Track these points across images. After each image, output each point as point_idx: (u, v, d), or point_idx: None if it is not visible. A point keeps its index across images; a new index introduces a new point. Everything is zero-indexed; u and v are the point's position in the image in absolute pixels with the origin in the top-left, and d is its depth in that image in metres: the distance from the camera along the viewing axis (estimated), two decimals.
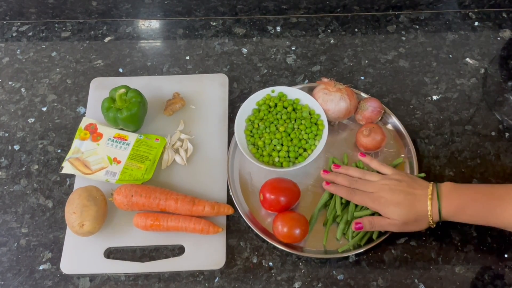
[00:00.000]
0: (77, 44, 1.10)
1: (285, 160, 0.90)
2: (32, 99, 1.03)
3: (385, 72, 1.05)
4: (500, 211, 0.74)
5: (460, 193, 0.78)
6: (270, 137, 0.91)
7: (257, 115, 0.94)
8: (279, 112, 0.94)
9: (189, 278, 0.83)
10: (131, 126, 0.94)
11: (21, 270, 0.85)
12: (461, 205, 0.77)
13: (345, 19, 1.13)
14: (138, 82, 1.02)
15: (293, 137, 0.91)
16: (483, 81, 1.03)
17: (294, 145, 0.91)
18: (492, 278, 0.82)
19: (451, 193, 0.77)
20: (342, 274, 0.83)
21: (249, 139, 0.93)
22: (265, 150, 0.91)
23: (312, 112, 0.93)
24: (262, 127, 0.92)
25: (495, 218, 0.75)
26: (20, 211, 0.90)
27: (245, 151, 0.89)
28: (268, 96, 0.95)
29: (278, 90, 0.95)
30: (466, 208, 0.77)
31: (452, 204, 0.77)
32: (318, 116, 0.93)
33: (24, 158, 0.96)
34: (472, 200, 0.77)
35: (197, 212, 0.86)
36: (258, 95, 0.95)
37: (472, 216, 0.77)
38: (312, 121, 0.92)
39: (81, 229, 0.82)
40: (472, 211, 0.76)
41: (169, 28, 1.13)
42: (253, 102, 0.95)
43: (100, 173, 0.90)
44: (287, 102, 0.94)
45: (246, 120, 0.94)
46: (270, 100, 0.95)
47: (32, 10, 1.11)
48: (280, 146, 0.90)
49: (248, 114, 0.95)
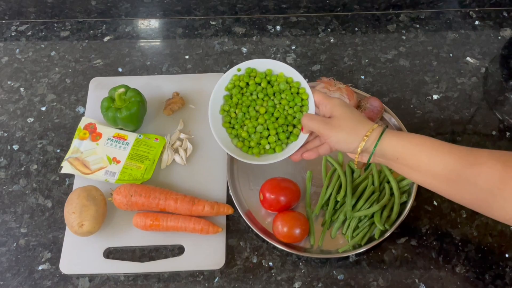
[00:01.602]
0: (76, 44, 1.10)
1: (276, 144, 0.80)
2: (31, 99, 1.02)
3: (385, 71, 1.05)
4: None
5: (391, 137, 0.70)
6: (253, 125, 0.80)
7: (230, 102, 0.82)
8: (253, 91, 0.81)
9: (189, 278, 0.83)
10: (130, 126, 0.94)
11: (20, 270, 0.84)
12: (388, 147, 0.70)
13: (345, 18, 1.13)
14: (138, 82, 1.01)
15: (278, 116, 0.80)
16: (483, 80, 1.03)
17: (281, 124, 0.80)
18: (493, 278, 0.82)
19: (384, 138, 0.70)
20: (342, 274, 0.83)
21: (230, 132, 0.82)
22: (252, 141, 0.80)
23: (290, 81, 0.81)
24: (240, 114, 0.81)
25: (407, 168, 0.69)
26: (19, 211, 0.90)
27: (230, 149, 0.80)
28: (235, 77, 0.82)
29: (244, 67, 0.82)
30: (389, 149, 0.70)
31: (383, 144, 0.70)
32: (297, 84, 0.81)
33: (23, 158, 0.95)
34: (396, 145, 0.69)
35: (196, 212, 0.85)
36: (225, 79, 0.82)
37: (391, 154, 0.70)
38: (293, 91, 0.80)
39: (81, 229, 0.81)
40: (391, 152, 0.70)
41: (168, 27, 1.12)
42: (222, 88, 0.82)
43: (100, 173, 0.90)
44: (258, 77, 0.81)
45: (220, 111, 0.83)
46: (239, 81, 0.82)
47: (31, 9, 1.11)
48: (267, 131, 0.80)
49: (221, 104, 0.83)
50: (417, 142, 0.69)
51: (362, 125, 0.72)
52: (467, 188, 0.65)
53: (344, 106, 0.73)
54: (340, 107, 0.73)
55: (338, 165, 0.90)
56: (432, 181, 0.68)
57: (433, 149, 0.67)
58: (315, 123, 0.75)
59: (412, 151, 0.68)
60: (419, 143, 0.68)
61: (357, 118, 0.73)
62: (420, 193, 0.88)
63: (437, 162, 0.66)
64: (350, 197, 0.86)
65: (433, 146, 0.68)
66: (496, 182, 0.62)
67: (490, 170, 0.62)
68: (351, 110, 0.74)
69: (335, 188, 0.88)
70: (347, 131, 0.72)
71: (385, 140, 0.70)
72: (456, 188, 0.66)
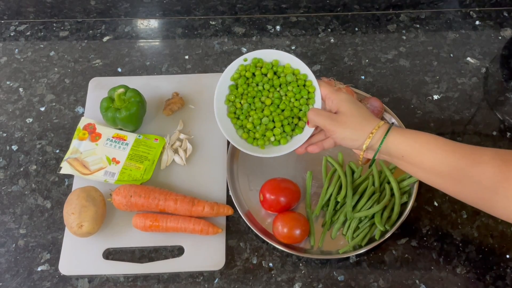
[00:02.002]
0: (76, 44, 1.10)
1: (281, 136, 0.80)
2: (30, 99, 1.02)
3: (385, 71, 1.05)
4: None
5: (398, 135, 0.70)
6: (258, 116, 0.80)
7: (236, 92, 0.81)
8: (259, 82, 0.81)
9: (189, 279, 0.82)
10: (130, 126, 0.93)
11: (19, 271, 0.84)
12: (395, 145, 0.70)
13: (345, 18, 1.12)
14: (137, 82, 1.01)
15: (283, 108, 0.80)
16: (484, 81, 1.03)
17: (286, 116, 0.80)
18: (493, 279, 0.81)
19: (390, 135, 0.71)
20: (342, 275, 0.82)
21: (235, 123, 0.82)
22: (257, 132, 0.80)
23: (296, 73, 0.81)
24: (245, 105, 0.81)
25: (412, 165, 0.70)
26: (18, 212, 0.89)
27: (234, 141, 0.80)
28: (242, 67, 0.82)
29: (251, 57, 0.82)
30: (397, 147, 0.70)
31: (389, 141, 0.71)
32: (304, 76, 0.80)
33: (22, 159, 0.95)
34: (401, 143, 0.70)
35: (196, 213, 0.85)
36: (231, 69, 0.82)
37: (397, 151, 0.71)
38: (299, 83, 0.80)
39: (80, 230, 0.81)
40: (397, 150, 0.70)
41: (168, 27, 1.12)
42: (227, 78, 0.82)
43: (99, 173, 0.90)
44: (265, 67, 0.81)
45: (225, 102, 0.82)
46: (245, 71, 0.81)
47: (30, 9, 1.10)
48: (272, 123, 0.80)
49: (226, 94, 0.82)
50: (422, 140, 0.69)
51: (368, 122, 0.72)
52: (470, 186, 0.65)
53: (351, 102, 0.74)
54: (347, 103, 0.73)
55: (339, 166, 0.90)
56: (436, 179, 0.69)
57: (438, 148, 0.67)
58: (321, 118, 0.75)
59: (417, 149, 0.69)
60: (424, 141, 0.69)
61: (363, 115, 0.73)
62: (420, 193, 0.88)
63: (441, 160, 0.67)
64: (350, 198, 0.86)
65: (438, 144, 0.68)
66: (499, 180, 0.62)
67: (493, 169, 0.63)
68: (357, 106, 0.74)
69: (335, 188, 0.87)
70: (353, 128, 0.72)
71: (390, 138, 0.70)
72: (460, 186, 0.67)
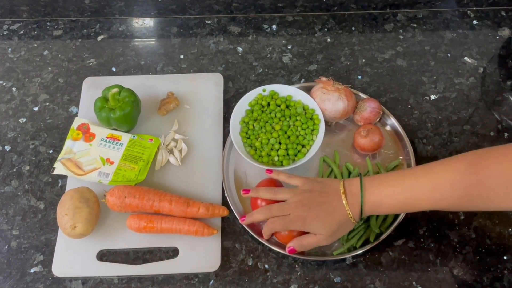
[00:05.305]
0: (70, 43, 1.09)
1: (284, 158, 0.88)
2: (24, 99, 1.01)
3: (382, 71, 1.04)
4: (414, 201, 0.73)
5: (372, 189, 0.75)
6: (267, 137, 0.90)
7: (251, 115, 0.93)
8: (273, 110, 0.93)
9: (183, 281, 0.82)
10: (124, 126, 0.93)
11: (12, 273, 0.83)
12: (377, 201, 0.74)
13: (342, 18, 1.12)
14: (132, 82, 1.00)
15: (290, 134, 0.90)
16: (481, 81, 1.02)
17: (292, 142, 0.89)
18: (491, 280, 0.81)
19: (366, 191, 0.75)
20: (339, 277, 0.82)
21: (245, 141, 0.91)
22: (264, 151, 0.89)
23: (306, 108, 0.93)
24: (257, 127, 0.91)
25: (412, 208, 0.74)
26: (11, 213, 0.89)
27: (243, 153, 0.88)
28: (259, 95, 0.94)
29: (269, 89, 0.95)
30: (383, 203, 0.74)
31: (369, 201, 0.74)
32: (312, 111, 0.92)
33: (15, 159, 0.94)
34: (387, 196, 0.74)
35: (191, 214, 0.84)
36: (250, 95, 0.94)
37: (389, 208, 0.75)
38: (307, 116, 0.91)
39: (73, 231, 0.80)
40: (387, 205, 0.74)
41: (163, 26, 1.11)
42: (246, 103, 0.94)
43: (93, 174, 0.89)
44: (279, 100, 0.93)
45: (240, 122, 0.93)
46: (262, 100, 0.93)
47: (23, 8, 1.09)
48: (278, 145, 0.89)
49: (242, 116, 0.94)
50: (401, 181, 0.73)
51: (330, 188, 0.77)
52: (479, 191, 0.69)
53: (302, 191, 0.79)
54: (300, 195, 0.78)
55: (335, 166, 0.89)
56: (441, 203, 0.72)
57: (434, 178, 0.71)
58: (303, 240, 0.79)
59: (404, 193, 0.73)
60: (406, 183, 0.73)
61: (319, 188, 0.78)
62: None
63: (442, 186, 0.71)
64: None
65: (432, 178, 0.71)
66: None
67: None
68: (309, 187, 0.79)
69: None
70: (321, 218, 0.76)
71: (369, 198, 0.74)
72: (469, 197, 0.70)
